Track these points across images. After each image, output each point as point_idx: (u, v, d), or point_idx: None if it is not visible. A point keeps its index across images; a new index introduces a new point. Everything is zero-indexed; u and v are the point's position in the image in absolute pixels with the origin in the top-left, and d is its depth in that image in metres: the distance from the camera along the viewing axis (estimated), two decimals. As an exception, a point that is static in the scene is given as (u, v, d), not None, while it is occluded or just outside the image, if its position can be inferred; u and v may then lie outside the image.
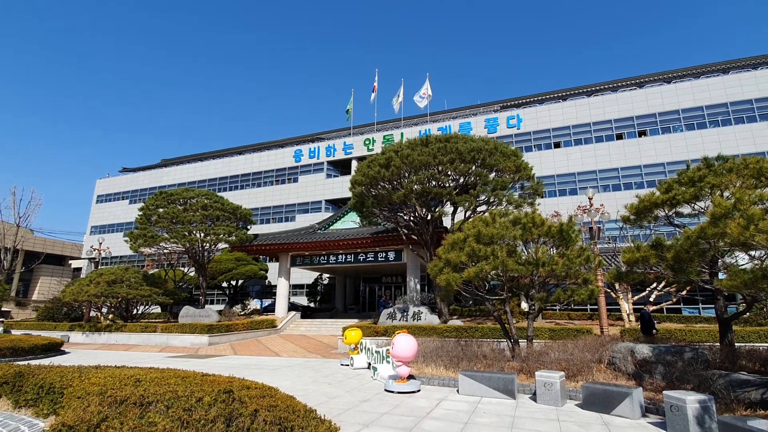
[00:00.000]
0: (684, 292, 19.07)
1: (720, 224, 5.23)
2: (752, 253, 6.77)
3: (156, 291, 22.57)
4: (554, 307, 23.78)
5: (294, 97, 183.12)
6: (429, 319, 17.21)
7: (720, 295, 8.90)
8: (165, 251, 25.84)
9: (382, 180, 17.65)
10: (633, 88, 32.25)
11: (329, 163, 39.24)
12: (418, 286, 21.75)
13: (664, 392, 5.76)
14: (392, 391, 7.98)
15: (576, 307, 24.10)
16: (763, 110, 27.49)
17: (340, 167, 39.58)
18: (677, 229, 9.05)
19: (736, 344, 8.91)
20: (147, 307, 25.85)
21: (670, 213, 9.06)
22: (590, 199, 14.86)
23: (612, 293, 19.64)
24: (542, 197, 28.72)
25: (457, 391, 8.05)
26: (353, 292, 34.81)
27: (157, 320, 25.90)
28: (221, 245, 25.18)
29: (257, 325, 21.86)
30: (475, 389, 7.79)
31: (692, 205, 8.54)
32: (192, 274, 31.73)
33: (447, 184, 17.63)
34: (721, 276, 7.83)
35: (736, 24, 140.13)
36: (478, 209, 17.99)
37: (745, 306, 9.69)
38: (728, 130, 27.86)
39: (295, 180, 39.95)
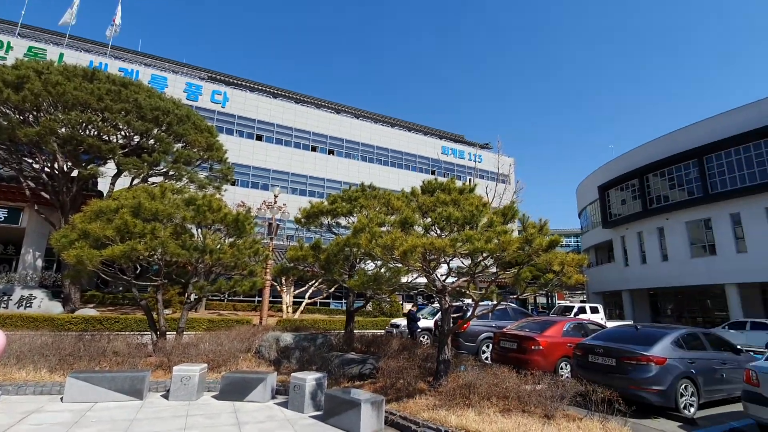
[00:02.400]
0: (333, 289, 23.67)
1: (358, 236, 6.56)
2: (377, 262, 9.05)
3: None
4: (221, 298, 23.79)
5: None
6: (46, 306, 13.03)
7: (351, 292, 11.42)
8: None
9: (6, 104, 12.19)
10: (332, 112, 38.27)
11: None
12: (41, 262, 16.24)
13: (292, 374, 6.53)
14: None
15: (244, 299, 25.09)
16: (407, 161, 39.16)
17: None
18: (335, 236, 11.02)
19: (356, 331, 11.65)
20: None
21: (332, 222, 10.92)
22: (276, 197, 15.96)
23: (278, 286, 21.73)
24: (233, 184, 28.51)
25: (62, 398, 6.22)
26: None
27: None
28: None
29: None
30: (89, 394, 6.25)
31: (347, 218, 10.62)
32: None
33: (113, 138, 14.20)
34: (353, 277, 10.09)
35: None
36: (153, 179, 15.54)
37: (365, 301, 12.92)
38: (385, 168, 37.92)
39: None
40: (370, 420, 5.34)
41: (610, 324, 13.57)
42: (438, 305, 10.90)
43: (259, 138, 33.00)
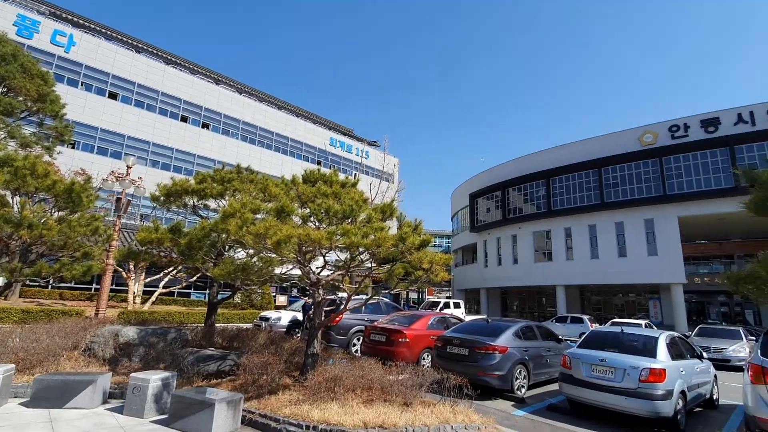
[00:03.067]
0: (194, 278, 21.54)
1: (227, 221, 6.07)
2: (248, 251, 8.51)
3: None
4: (41, 284, 19.71)
5: None
6: None
7: (216, 282, 10.54)
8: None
9: None
10: (210, 81, 34.82)
11: None
12: None
13: (132, 374, 5.73)
14: None
15: (77, 286, 21.24)
16: (293, 148, 37.83)
17: None
18: (201, 219, 10.01)
19: (219, 325, 10.76)
20: None
21: (199, 203, 9.88)
22: (129, 168, 13.79)
23: (124, 273, 18.93)
24: (72, 147, 24.08)
25: None
26: None
27: None
28: None
29: None
30: None
31: (218, 201, 9.73)
32: None
33: None
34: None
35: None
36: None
37: (231, 293, 12.08)
38: (268, 153, 36.01)
39: None
40: (224, 420, 5.01)
41: (469, 318, 15.33)
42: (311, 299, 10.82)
43: (113, 96, 28.09)
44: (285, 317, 14.25)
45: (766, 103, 24.60)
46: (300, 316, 14.42)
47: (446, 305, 23.46)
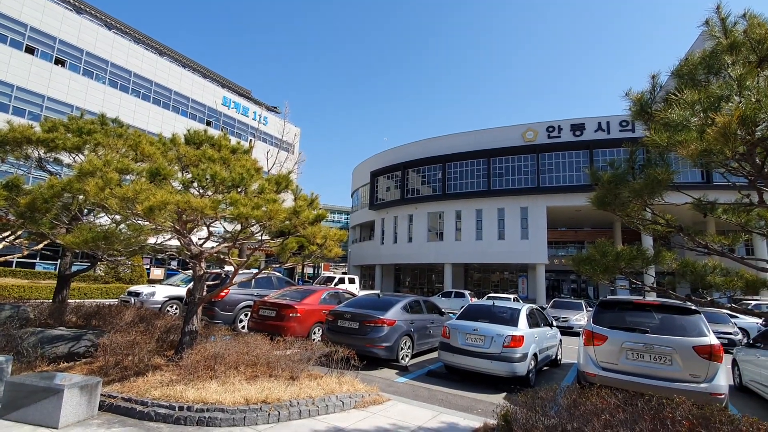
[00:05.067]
0: (40, 246, 18.26)
1: (85, 180, 5.22)
2: (116, 217, 7.47)
3: None
4: None
5: None
6: None
7: (69, 251, 9.11)
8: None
9: None
10: (69, 9, 29.02)
11: None
12: None
13: (-54, 361, 4.72)
14: None
15: None
16: (177, 104, 33.78)
17: None
18: (50, 176, 8.44)
19: (74, 300, 9.36)
20: None
21: (48, 156, 8.31)
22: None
23: (-62, 238, 15.24)
24: None
25: None
26: None
27: None
28: None
29: None
30: None
31: (74, 155, 8.29)
32: None
33: None
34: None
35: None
36: None
37: (89, 264, 10.59)
38: (145, 105, 31.63)
39: None
40: (76, 408, 4.44)
41: (362, 293, 15.85)
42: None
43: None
44: (160, 292, 13.03)
45: (618, 116, 29.42)
46: (178, 291, 13.34)
47: (341, 280, 23.90)
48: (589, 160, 29.30)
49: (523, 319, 7.93)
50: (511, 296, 22.93)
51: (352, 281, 24.92)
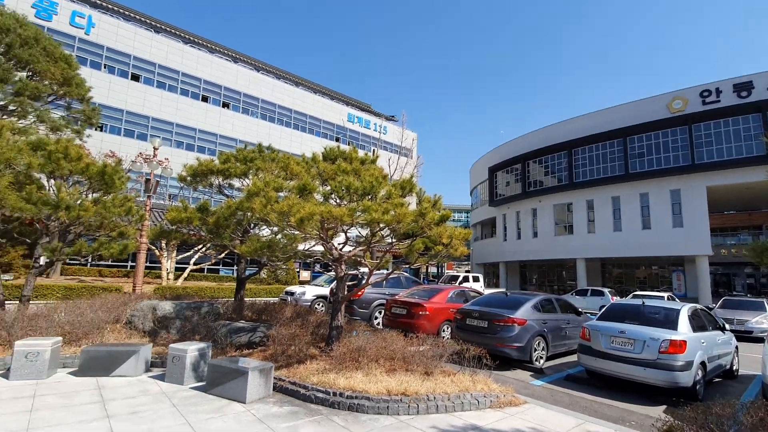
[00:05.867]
0: (222, 255, 22.29)
1: (252, 200, 6.23)
2: (273, 228, 8.73)
3: None
4: (81, 263, 20.77)
5: None
6: None
7: (243, 258, 10.89)
8: None
9: None
10: (228, 59, 34.75)
11: None
12: None
13: (170, 345, 6.10)
14: None
15: (114, 263, 22.29)
16: (312, 126, 37.84)
17: None
18: (226, 198, 10.27)
19: (247, 299, 11.20)
20: None
21: (224, 183, 10.13)
22: (155, 149, 14.14)
23: (156, 251, 19.72)
24: (100, 130, 24.56)
25: None
26: None
27: None
28: None
29: None
30: None
31: (242, 180, 9.95)
32: None
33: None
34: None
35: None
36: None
37: (258, 269, 12.48)
38: (287, 131, 36.12)
39: None
40: (257, 387, 5.32)
41: (487, 291, 15.43)
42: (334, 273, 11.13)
43: (135, 78, 28.45)
44: (309, 292, 14.69)
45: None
46: (323, 290, 14.84)
47: (465, 279, 23.61)
48: (762, 125, 23.47)
49: (684, 321, 6.76)
50: (664, 294, 19.63)
51: (476, 279, 24.41)
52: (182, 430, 4.30)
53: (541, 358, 8.28)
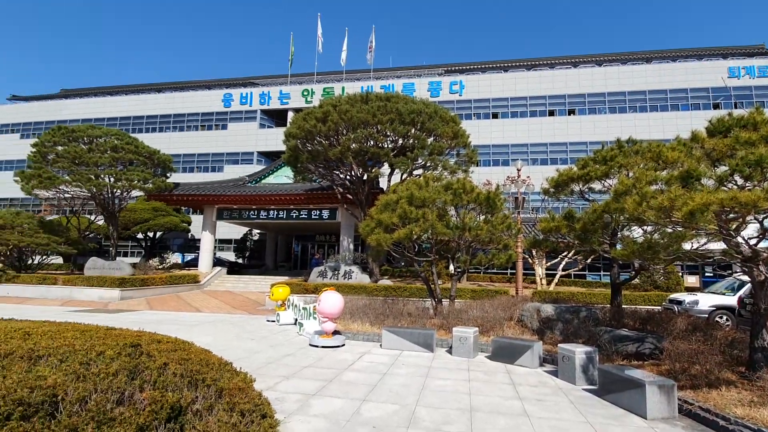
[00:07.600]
0: (589, 260, 21.62)
1: (621, 200, 5.86)
2: (646, 228, 7.79)
3: (56, 239, 20.30)
4: (478, 270, 25.66)
5: (225, 33, 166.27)
6: (360, 278, 17.66)
7: (615, 263, 10.23)
8: (66, 195, 22.98)
9: (319, 135, 17.14)
10: (568, 67, 34.16)
11: (263, 111, 37.00)
12: (351, 246, 22.03)
13: (559, 345, 6.61)
14: (316, 346, 8.18)
15: (497, 271, 26.25)
16: (674, 101, 30.89)
17: (275, 117, 37.50)
18: (589, 203, 10.08)
19: (623, 306, 10.44)
20: (45, 257, 23.27)
21: (584, 188, 10.01)
22: (518, 170, 15.88)
23: (529, 259, 21.65)
24: (476, 165, 29.88)
25: (380, 345, 8.47)
26: (285, 250, 34.31)
27: (58, 272, 23.45)
28: (135, 193, 23.08)
29: (177, 280, 20.78)
30: (397, 344, 8.27)
31: (603, 181, 9.49)
32: (101, 223, 28.83)
33: (385, 145, 17.67)
34: (618, 246, 8.98)
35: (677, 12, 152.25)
36: (415, 172, 18.40)
37: (633, 273, 11.30)
38: (643, 116, 31.03)
39: (224, 127, 37.25)
40: (658, 404, 4.85)
41: None
42: (744, 278, 8.33)
43: (494, 116, 33.25)
44: (703, 300, 11.65)
45: None
46: (724, 299, 11.38)
47: None
48: None
49: None
50: None
51: None
52: (584, 428, 4.55)
53: None
